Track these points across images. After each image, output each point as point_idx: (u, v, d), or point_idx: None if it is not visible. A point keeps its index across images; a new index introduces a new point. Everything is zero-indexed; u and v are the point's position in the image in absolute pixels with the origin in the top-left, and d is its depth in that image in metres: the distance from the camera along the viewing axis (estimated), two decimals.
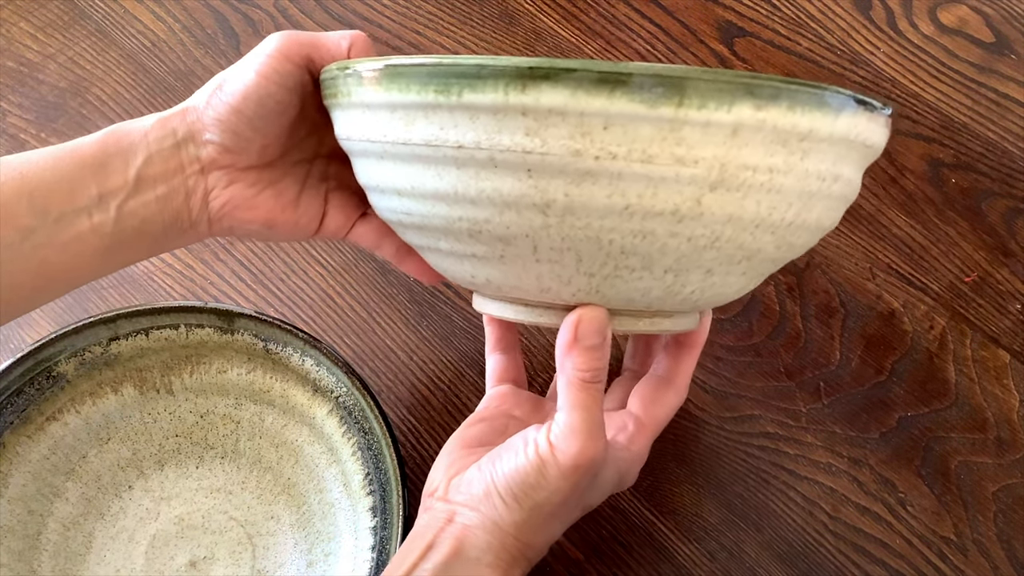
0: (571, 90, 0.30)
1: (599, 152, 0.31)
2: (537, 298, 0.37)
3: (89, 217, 0.37)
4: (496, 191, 0.32)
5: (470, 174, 0.33)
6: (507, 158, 0.32)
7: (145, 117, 0.39)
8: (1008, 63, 0.62)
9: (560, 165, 0.31)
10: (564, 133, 0.31)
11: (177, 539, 0.48)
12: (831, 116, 0.32)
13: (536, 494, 0.36)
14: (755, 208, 0.33)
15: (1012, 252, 0.56)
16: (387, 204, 0.37)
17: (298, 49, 0.38)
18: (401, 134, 0.33)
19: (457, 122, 0.32)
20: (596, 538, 0.49)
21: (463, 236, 0.35)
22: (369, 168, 0.37)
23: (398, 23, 0.65)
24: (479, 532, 0.36)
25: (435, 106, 0.32)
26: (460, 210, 0.34)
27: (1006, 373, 0.53)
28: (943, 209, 0.58)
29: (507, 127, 0.31)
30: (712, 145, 0.31)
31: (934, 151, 0.60)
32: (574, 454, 0.35)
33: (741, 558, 0.49)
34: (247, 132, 0.39)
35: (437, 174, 0.33)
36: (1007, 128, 0.60)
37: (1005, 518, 0.49)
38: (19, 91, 0.64)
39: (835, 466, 0.51)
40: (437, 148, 0.33)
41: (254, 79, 0.38)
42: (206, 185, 0.39)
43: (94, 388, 0.49)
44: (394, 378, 0.54)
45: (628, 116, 0.30)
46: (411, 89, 0.32)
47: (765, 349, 0.54)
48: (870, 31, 0.63)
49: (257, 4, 0.66)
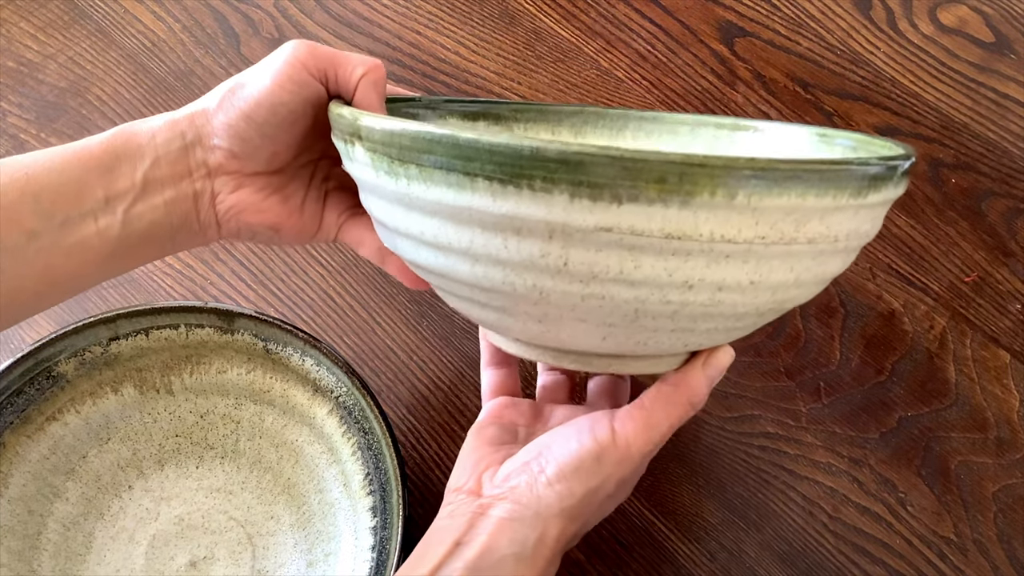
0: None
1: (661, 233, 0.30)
2: (571, 348, 0.37)
3: (95, 220, 0.37)
4: (529, 256, 0.31)
5: (497, 239, 0.31)
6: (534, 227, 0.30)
7: (154, 117, 0.39)
8: (1008, 63, 0.62)
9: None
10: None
11: (177, 539, 0.48)
12: (857, 193, 0.32)
13: (591, 480, 0.36)
14: (790, 275, 0.33)
15: (1012, 252, 0.56)
16: (400, 246, 0.36)
17: (315, 62, 0.38)
18: (419, 192, 0.32)
19: (482, 194, 0.30)
20: (596, 538, 0.49)
21: (489, 292, 0.34)
22: (378, 206, 0.35)
23: (398, 23, 0.65)
24: (516, 525, 0.35)
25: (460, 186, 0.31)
26: (487, 269, 0.32)
27: (1006, 373, 0.53)
28: (943, 209, 0.58)
29: (537, 206, 0.30)
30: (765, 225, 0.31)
31: (934, 151, 0.60)
32: (637, 442, 0.36)
33: (741, 558, 0.49)
34: (256, 139, 0.38)
35: (459, 232, 0.32)
36: (1007, 128, 0.60)
37: (1005, 518, 0.49)
38: (19, 91, 0.64)
39: (835, 466, 0.51)
40: (460, 211, 0.31)
41: (269, 86, 0.37)
42: (213, 189, 0.39)
43: (94, 388, 0.49)
44: (394, 378, 0.54)
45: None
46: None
47: (765, 349, 0.54)
48: (870, 31, 0.63)
49: (257, 4, 0.66)
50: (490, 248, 0.31)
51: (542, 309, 0.33)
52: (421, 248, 0.34)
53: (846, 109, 0.61)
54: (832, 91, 0.61)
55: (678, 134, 0.47)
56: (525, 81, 0.62)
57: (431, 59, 0.63)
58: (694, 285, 0.31)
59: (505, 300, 0.34)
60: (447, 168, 0.30)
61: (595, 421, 0.37)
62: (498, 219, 0.30)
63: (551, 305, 0.33)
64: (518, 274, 0.32)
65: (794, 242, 0.31)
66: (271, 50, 0.39)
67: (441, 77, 0.63)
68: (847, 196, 0.31)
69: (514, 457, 0.38)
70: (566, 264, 0.31)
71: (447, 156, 0.30)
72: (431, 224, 0.32)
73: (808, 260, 0.32)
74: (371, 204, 0.36)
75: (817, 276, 0.34)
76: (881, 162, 0.32)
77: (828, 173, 0.30)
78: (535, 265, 0.31)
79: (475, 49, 0.63)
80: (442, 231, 0.32)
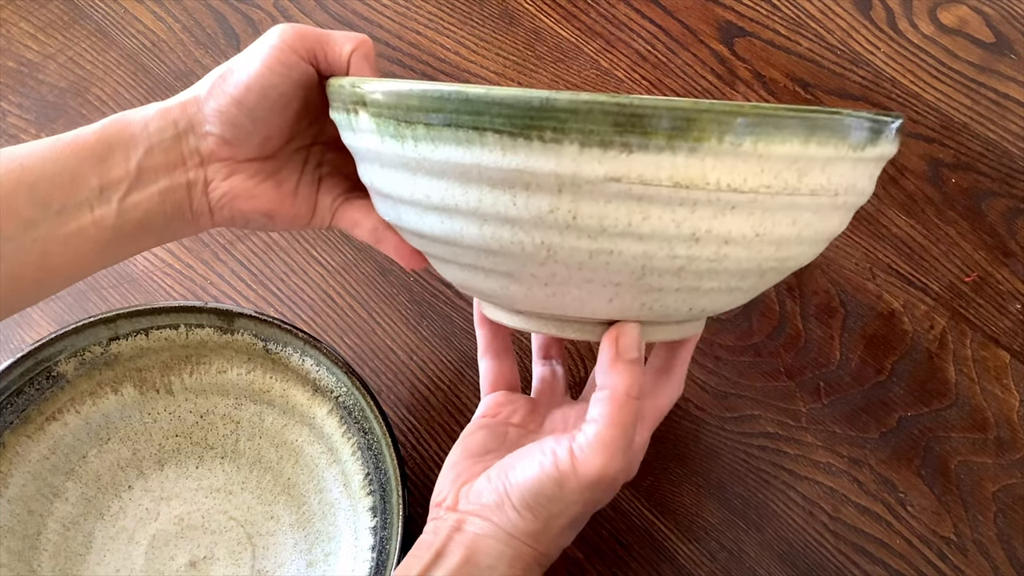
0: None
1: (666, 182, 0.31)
2: (575, 314, 0.36)
3: (91, 210, 0.37)
4: (538, 212, 0.31)
5: (506, 196, 0.31)
6: (542, 182, 0.31)
7: (147, 107, 0.39)
8: (1008, 63, 0.62)
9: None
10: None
11: (177, 539, 0.48)
12: (855, 145, 0.33)
13: (552, 506, 0.36)
14: (793, 228, 0.33)
15: (1012, 252, 0.56)
16: (403, 216, 0.36)
17: (303, 43, 0.38)
18: (427, 152, 0.32)
19: (491, 148, 0.31)
20: (596, 538, 0.49)
21: (496, 254, 0.34)
22: (380, 176, 0.35)
23: (398, 23, 0.65)
24: (491, 541, 0.36)
25: (468, 141, 0.31)
26: (495, 229, 0.32)
27: (1006, 373, 0.53)
28: (943, 209, 0.58)
29: (544, 158, 0.30)
30: (768, 173, 0.31)
31: (934, 151, 0.60)
32: (598, 469, 0.35)
33: (741, 558, 0.49)
34: (247, 124, 0.38)
35: (466, 192, 0.32)
36: (1007, 128, 0.60)
37: (1005, 518, 0.49)
38: (19, 91, 0.64)
39: (835, 466, 0.51)
40: (469, 169, 0.31)
41: (258, 69, 0.37)
42: (206, 177, 0.39)
43: (94, 388, 0.49)
44: (394, 378, 0.54)
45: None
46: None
47: (765, 349, 0.54)
48: (870, 31, 0.63)
49: (257, 4, 0.66)
50: (499, 206, 0.31)
51: (549, 269, 0.33)
52: (427, 214, 0.34)
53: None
54: (832, 91, 0.61)
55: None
56: (525, 81, 0.62)
57: (431, 59, 0.63)
58: (701, 237, 0.31)
59: (512, 263, 0.34)
60: (456, 125, 0.31)
61: (558, 443, 0.36)
62: (507, 174, 0.31)
63: (559, 264, 0.33)
64: (527, 232, 0.32)
65: (797, 192, 0.32)
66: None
67: (441, 77, 0.63)
68: (847, 147, 0.32)
69: (486, 473, 0.38)
70: (575, 218, 0.31)
71: (456, 112, 0.30)
72: (438, 186, 0.32)
73: (810, 214, 0.33)
74: (373, 175, 0.36)
75: (818, 233, 0.34)
76: (877, 117, 0.33)
77: (830, 121, 0.31)
78: (544, 221, 0.31)
79: (475, 49, 0.63)
80: (449, 192, 0.32)
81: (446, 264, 0.37)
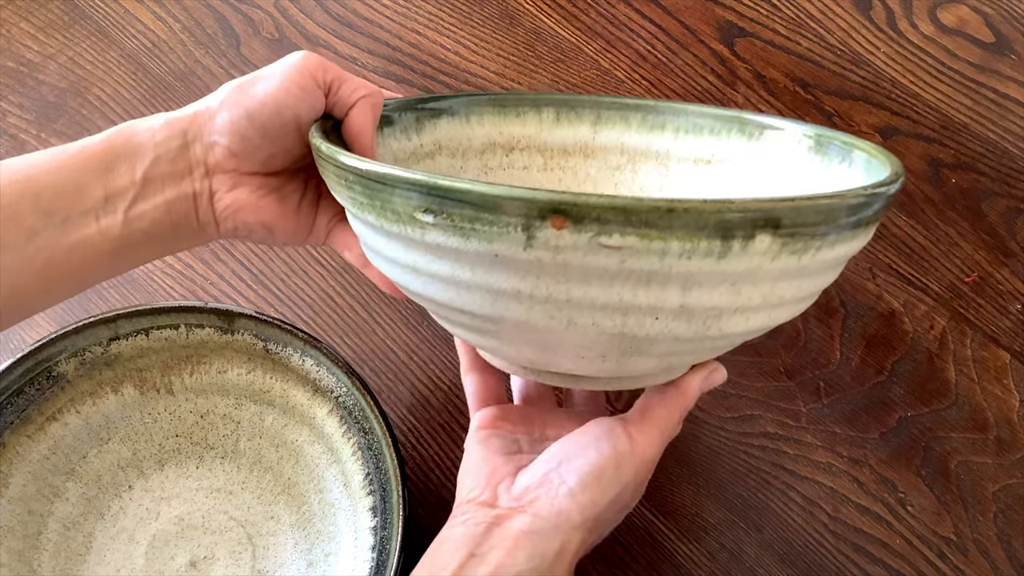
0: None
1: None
2: (567, 371, 0.37)
3: (96, 220, 0.37)
4: (514, 287, 0.30)
5: (482, 270, 0.30)
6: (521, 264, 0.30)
7: (154, 116, 0.39)
8: (1008, 63, 0.62)
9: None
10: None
11: (177, 539, 0.48)
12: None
13: (611, 489, 0.36)
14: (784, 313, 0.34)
15: (1012, 252, 0.56)
16: (382, 266, 0.35)
17: (323, 74, 0.39)
18: (411, 234, 0.31)
19: (478, 240, 0.29)
20: None
21: (478, 318, 0.33)
22: (362, 231, 0.35)
23: (398, 23, 0.65)
24: (536, 539, 0.35)
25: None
26: (480, 299, 0.32)
27: (1006, 373, 0.53)
28: (943, 209, 0.58)
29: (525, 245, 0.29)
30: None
31: (934, 151, 0.60)
32: (655, 446, 0.37)
33: (741, 558, 0.49)
34: (256, 139, 0.38)
35: (442, 264, 0.31)
36: (1007, 128, 0.60)
37: (1005, 518, 0.49)
38: (19, 91, 0.64)
39: (835, 466, 0.51)
40: (448, 252, 0.30)
41: (276, 88, 0.38)
42: (211, 187, 0.39)
43: (94, 388, 0.49)
44: (394, 378, 0.54)
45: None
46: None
47: (765, 349, 0.54)
48: (870, 31, 0.63)
49: (257, 4, 0.66)
50: (477, 278, 0.31)
51: (532, 336, 0.33)
52: (409, 274, 0.33)
53: (846, 109, 0.61)
54: (832, 91, 0.61)
55: (665, 129, 0.47)
56: (525, 81, 0.62)
57: (431, 59, 0.63)
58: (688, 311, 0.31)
59: (495, 326, 0.33)
60: (443, 225, 0.30)
61: (610, 429, 0.37)
62: (481, 255, 0.30)
63: (539, 332, 0.32)
64: (506, 304, 0.31)
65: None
66: (271, 50, 0.39)
67: (441, 77, 0.63)
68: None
69: (530, 468, 0.37)
70: (549, 294, 0.30)
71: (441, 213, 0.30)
72: (423, 259, 0.32)
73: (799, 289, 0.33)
74: (354, 224, 0.36)
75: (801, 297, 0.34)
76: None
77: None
78: (520, 294, 0.31)
79: (475, 49, 0.63)
80: (424, 262, 0.32)
81: (435, 315, 0.37)
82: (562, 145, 0.47)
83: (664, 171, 0.47)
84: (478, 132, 0.46)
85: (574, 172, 0.48)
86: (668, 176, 0.47)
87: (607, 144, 0.47)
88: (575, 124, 0.47)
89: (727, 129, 0.46)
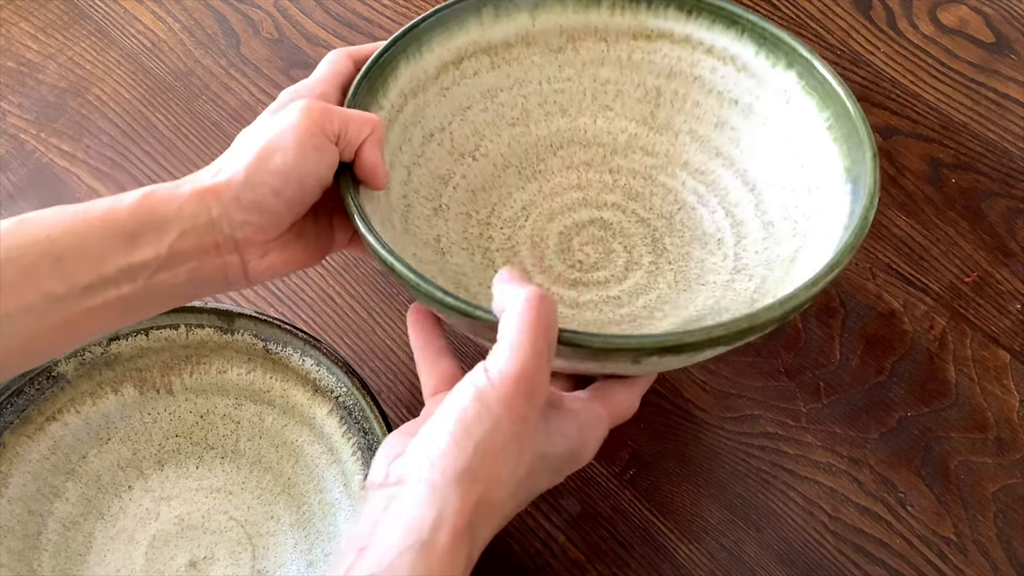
0: None
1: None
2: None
3: (117, 288, 0.37)
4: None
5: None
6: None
7: (180, 183, 0.38)
8: (1008, 63, 0.62)
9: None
10: None
11: (177, 539, 0.48)
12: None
13: (478, 425, 0.32)
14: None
15: (1012, 252, 0.56)
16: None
17: (331, 126, 0.39)
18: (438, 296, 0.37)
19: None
20: (596, 538, 0.49)
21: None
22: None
23: (398, 23, 0.65)
24: (408, 509, 0.31)
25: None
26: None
27: (1006, 373, 0.53)
28: (943, 209, 0.58)
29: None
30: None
31: (934, 151, 0.60)
32: (514, 370, 0.32)
33: (741, 558, 0.49)
34: (283, 211, 0.39)
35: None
36: (1007, 128, 0.60)
37: (1005, 518, 0.49)
38: (19, 91, 0.64)
39: (835, 466, 0.51)
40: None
41: (294, 157, 0.38)
42: (243, 259, 0.39)
43: (94, 388, 0.49)
44: (394, 378, 0.54)
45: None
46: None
47: (765, 349, 0.54)
48: (870, 31, 0.63)
49: (257, 4, 0.66)
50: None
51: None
52: (432, 303, 0.38)
53: None
54: None
55: (602, 4, 0.50)
56: None
57: None
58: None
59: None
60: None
61: (472, 372, 0.34)
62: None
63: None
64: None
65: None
66: (271, 50, 0.39)
67: None
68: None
69: (415, 436, 0.34)
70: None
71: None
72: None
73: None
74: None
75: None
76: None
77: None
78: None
79: None
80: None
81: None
82: (504, 39, 0.50)
83: (604, 46, 0.50)
84: (429, 60, 0.48)
85: (519, 62, 0.51)
86: (609, 51, 0.50)
87: (546, 28, 0.50)
88: (514, 16, 0.50)
89: (664, 3, 0.49)
